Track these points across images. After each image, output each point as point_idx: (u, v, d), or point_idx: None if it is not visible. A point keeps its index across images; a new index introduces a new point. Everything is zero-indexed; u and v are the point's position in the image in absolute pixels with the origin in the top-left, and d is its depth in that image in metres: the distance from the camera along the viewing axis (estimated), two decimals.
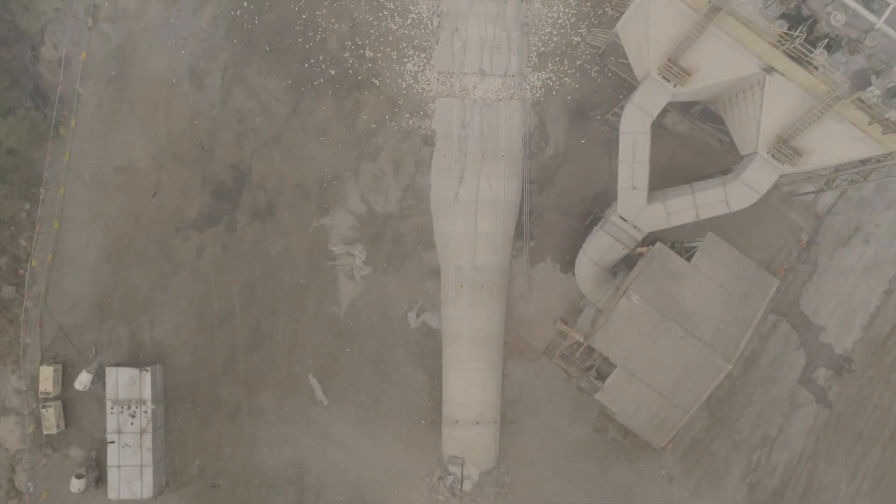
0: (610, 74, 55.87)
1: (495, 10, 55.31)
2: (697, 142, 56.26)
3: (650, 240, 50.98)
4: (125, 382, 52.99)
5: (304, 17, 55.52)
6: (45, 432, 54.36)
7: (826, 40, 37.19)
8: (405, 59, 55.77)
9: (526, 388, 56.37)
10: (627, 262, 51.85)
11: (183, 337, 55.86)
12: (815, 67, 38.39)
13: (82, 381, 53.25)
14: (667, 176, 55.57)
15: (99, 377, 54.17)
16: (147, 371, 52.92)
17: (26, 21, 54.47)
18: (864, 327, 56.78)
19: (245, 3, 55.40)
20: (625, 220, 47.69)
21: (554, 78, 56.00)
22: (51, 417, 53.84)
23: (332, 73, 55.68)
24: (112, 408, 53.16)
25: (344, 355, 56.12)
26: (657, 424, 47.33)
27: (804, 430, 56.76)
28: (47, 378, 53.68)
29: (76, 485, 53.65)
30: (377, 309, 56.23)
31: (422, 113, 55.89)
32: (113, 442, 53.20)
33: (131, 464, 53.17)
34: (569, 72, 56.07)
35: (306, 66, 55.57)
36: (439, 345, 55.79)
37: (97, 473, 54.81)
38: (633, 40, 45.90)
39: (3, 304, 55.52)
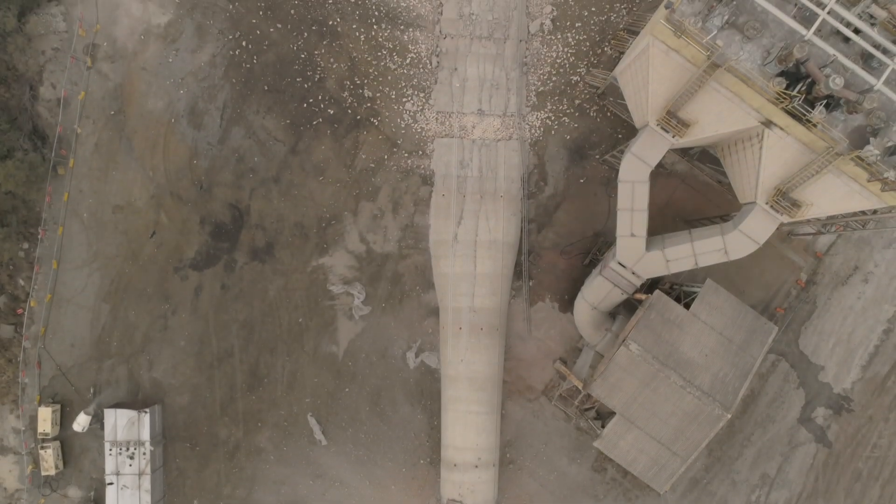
0: (609, 114, 55.84)
1: (494, 50, 55.26)
2: (696, 181, 56.18)
3: (649, 282, 51.03)
4: (124, 424, 52.96)
5: (302, 56, 55.45)
6: (43, 473, 54.36)
7: (825, 100, 37.08)
8: (404, 99, 55.72)
9: (525, 428, 56.36)
10: (626, 305, 51.84)
11: (181, 376, 55.85)
12: (814, 124, 38.29)
13: (80, 422, 53.23)
14: (665, 214, 55.88)
15: (98, 418, 54.16)
16: (146, 413, 52.88)
17: (25, 61, 54.31)
18: (864, 366, 56.76)
19: (244, 43, 55.32)
20: (623, 266, 47.58)
21: (553, 117, 55.95)
22: (49, 458, 53.82)
23: (331, 112, 55.62)
24: (111, 449, 53.15)
25: (343, 395, 56.11)
26: (656, 471, 47.30)
27: (803, 469, 56.77)
28: (46, 419, 53.62)
29: None
30: (376, 348, 56.21)
31: (420, 152, 55.85)
32: (111, 483, 53.20)
33: None
34: (568, 111, 56.01)
35: (305, 105, 55.51)
36: (438, 385, 55.79)
37: None
38: (631, 88, 45.85)
39: (2, 344, 55.51)
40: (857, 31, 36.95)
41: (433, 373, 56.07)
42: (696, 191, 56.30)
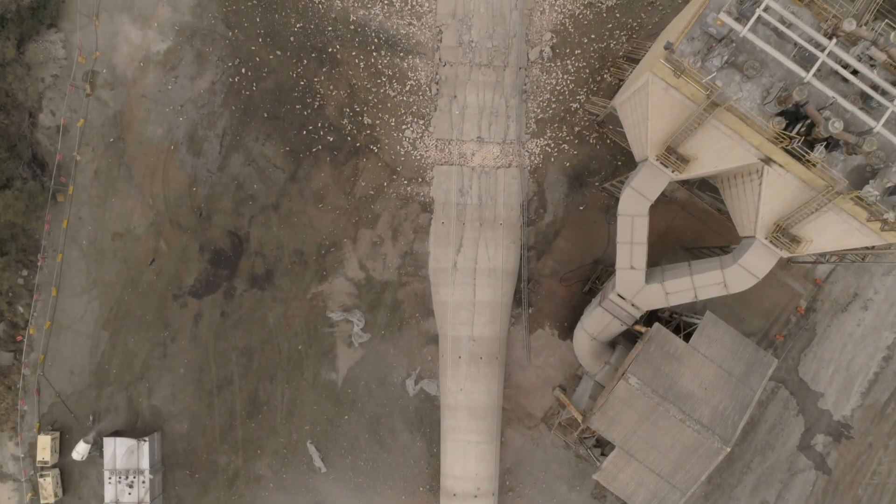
0: (609, 141, 55.81)
1: (494, 78, 55.24)
2: (696, 208, 56.12)
3: (648, 312, 50.93)
4: (123, 452, 52.95)
5: (302, 83, 55.43)
6: (42, 501, 54.26)
7: (825, 141, 37.04)
8: (403, 126, 55.70)
9: (524, 456, 56.35)
10: (626, 334, 51.77)
11: (181, 404, 55.81)
12: (814, 164, 38.23)
13: (80, 451, 53.13)
14: (665, 241, 55.87)
15: (97, 446, 54.10)
16: (145, 441, 52.86)
17: (24, 89, 54.13)
18: (863, 393, 56.74)
19: (243, 70, 55.30)
20: (623, 298, 47.52)
21: (552, 144, 55.92)
22: (48, 486, 53.78)
23: (331, 139, 55.60)
24: (110, 478, 53.15)
25: (342, 422, 56.06)
26: None
27: (803, 496, 56.73)
28: (45, 447, 53.60)
29: None
30: (375, 376, 56.17)
31: (420, 179, 55.81)
32: None
33: None
34: (567, 138, 55.99)
35: (304, 132, 55.49)
36: (437, 412, 55.75)
37: None
38: (630, 120, 45.81)
39: (1, 371, 55.47)
40: (856, 71, 36.88)
41: (432, 400, 56.03)
42: (695, 218, 56.27)
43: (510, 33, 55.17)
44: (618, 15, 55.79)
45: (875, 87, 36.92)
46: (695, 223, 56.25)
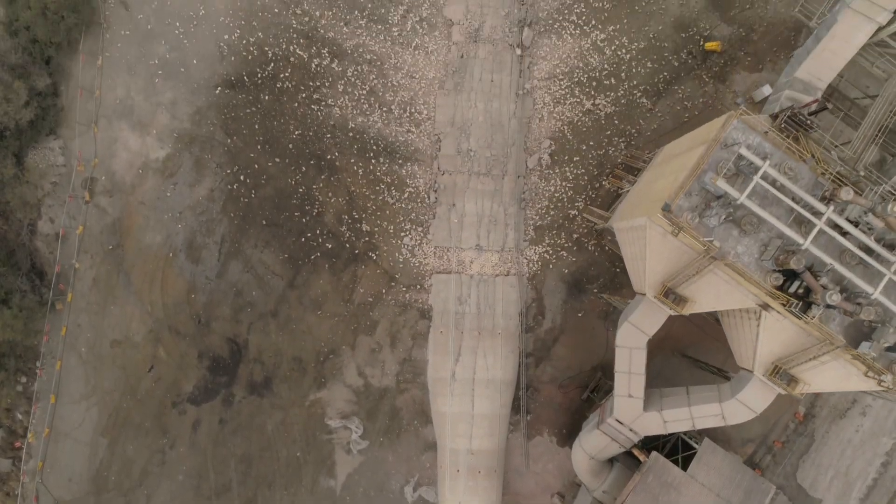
0: (607, 248, 55.81)
1: (492, 186, 55.30)
2: (695, 314, 55.87)
3: None
4: None
5: (300, 190, 55.49)
6: None
7: (822, 307, 37.08)
8: (402, 234, 55.74)
9: None
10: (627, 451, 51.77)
11: None
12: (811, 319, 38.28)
13: None
14: (664, 347, 55.82)
15: None
16: None
17: (23, 198, 54.22)
18: (861, 499, 56.63)
19: (242, 177, 55.37)
20: (621, 423, 47.55)
21: (551, 251, 55.95)
22: None
23: (329, 246, 55.64)
24: None
25: None
26: None
27: None
28: None
29: None
30: (373, 483, 56.17)
31: (419, 287, 55.83)
32: None
33: None
34: (566, 245, 56.01)
35: (303, 239, 55.53)
36: None
37: None
38: (629, 251, 45.82)
39: (0, 478, 55.50)
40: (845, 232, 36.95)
41: None
42: (694, 324, 56.12)
43: (509, 142, 55.24)
44: (616, 122, 55.87)
45: (871, 251, 36.95)
46: (693, 330, 56.14)
